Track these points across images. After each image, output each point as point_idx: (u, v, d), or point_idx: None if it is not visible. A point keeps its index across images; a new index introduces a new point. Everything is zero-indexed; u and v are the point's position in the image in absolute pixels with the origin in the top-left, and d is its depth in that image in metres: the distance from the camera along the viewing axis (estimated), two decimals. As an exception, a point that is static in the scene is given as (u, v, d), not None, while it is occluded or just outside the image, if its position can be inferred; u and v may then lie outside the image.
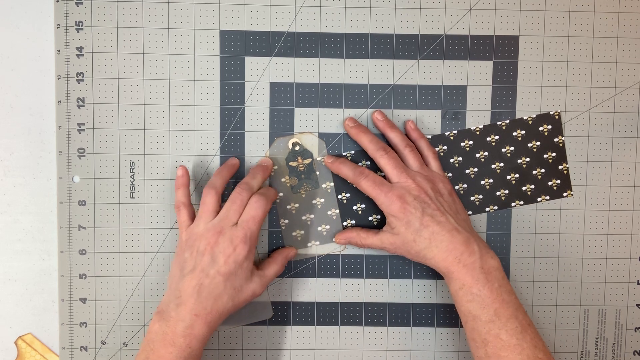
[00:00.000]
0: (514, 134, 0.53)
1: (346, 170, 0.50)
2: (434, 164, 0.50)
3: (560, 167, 0.53)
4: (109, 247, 0.52)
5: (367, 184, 0.48)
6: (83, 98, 0.52)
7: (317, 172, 0.52)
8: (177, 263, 0.47)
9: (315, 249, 0.53)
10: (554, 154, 0.53)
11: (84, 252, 0.52)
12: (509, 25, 0.52)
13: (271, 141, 0.52)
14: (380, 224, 0.53)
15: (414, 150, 0.50)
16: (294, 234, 0.53)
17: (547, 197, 0.53)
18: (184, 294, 0.45)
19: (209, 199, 0.47)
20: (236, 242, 0.45)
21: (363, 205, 0.53)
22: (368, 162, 0.52)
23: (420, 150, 0.51)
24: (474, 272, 0.45)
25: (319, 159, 0.52)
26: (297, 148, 0.51)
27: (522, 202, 0.53)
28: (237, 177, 0.52)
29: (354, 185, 0.50)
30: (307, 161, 0.51)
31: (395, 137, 0.50)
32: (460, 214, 0.48)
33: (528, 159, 0.53)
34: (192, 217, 0.49)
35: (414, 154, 0.49)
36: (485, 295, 0.44)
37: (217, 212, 0.47)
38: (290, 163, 0.52)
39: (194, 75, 0.52)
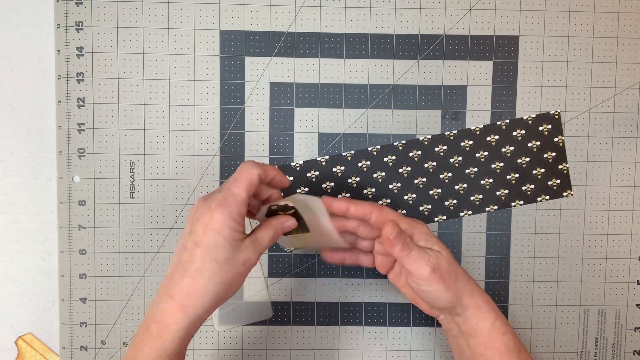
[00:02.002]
0: (514, 133, 0.53)
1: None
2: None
3: (560, 166, 0.53)
4: (109, 247, 0.52)
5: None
6: (83, 98, 0.52)
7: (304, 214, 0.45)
8: None
9: (316, 248, 0.53)
10: (553, 154, 0.53)
11: (84, 252, 0.52)
12: (509, 25, 0.52)
13: (271, 141, 0.52)
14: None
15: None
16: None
17: (547, 197, 0.53)
18: (166, 275, 0.39)
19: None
20: (213, 206, 0.38)
21: (363, 205, 0.53)
22: (368, 162, 0.52)
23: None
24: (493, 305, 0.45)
25: (300, 191, 0.51)
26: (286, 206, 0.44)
27: (522, 202, 0.53)
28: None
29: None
30: (291, 212, 0.44)
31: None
32: None
33: (528, 159, 0.53)
34: None
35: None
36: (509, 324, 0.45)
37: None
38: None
39: (194, 75, 0.52)
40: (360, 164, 0.52)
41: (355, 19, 0.52)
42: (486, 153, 0.53)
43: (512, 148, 0.53)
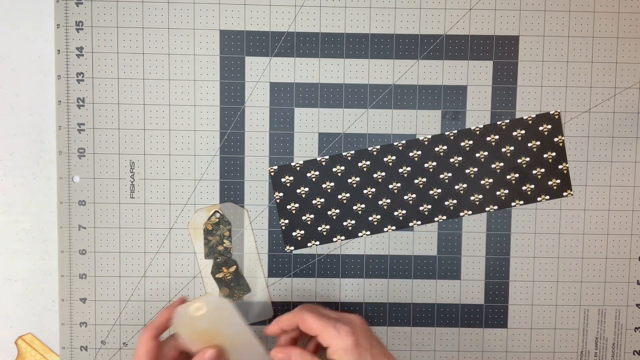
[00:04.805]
0: (514, 133, 0.53)
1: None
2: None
3: (560, 166, 0.53)
4: (109, 247, 0.52)
5: (311, 317, 0.44)
6: (83, 98, 0.52)
7: (244, 269, 0.51)
8: None
9: (315, 248, 0.53)
10: (553, 154, 0.53)
11: (84, 252, 0.52)
12: (509, 25, 0.52)
13: (271, 141, 0.52)
14: (380, 224, 0.53)
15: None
16: (294, 234, 0.53)
17: (547, 197, 0.53)
18: None
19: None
20: None
21: (363, 205, 0.53)
22: (368, 162, 0.52)
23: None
24: None
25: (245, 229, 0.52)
26: (216, 216, 0.49)
27: (522, 202, 0.53)
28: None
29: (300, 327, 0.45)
30: (233, 269, 0.51)
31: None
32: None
33: (528, 159, 0.53)
34: None
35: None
36: None
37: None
38: (217, 275, 0.52)
39: (194, 75, 0.52)
40: (360, 164, 0.52)
41: (355, 19, 0.52)
42: (486, 153, 0.53)
43: (512, 148, 0.53)
